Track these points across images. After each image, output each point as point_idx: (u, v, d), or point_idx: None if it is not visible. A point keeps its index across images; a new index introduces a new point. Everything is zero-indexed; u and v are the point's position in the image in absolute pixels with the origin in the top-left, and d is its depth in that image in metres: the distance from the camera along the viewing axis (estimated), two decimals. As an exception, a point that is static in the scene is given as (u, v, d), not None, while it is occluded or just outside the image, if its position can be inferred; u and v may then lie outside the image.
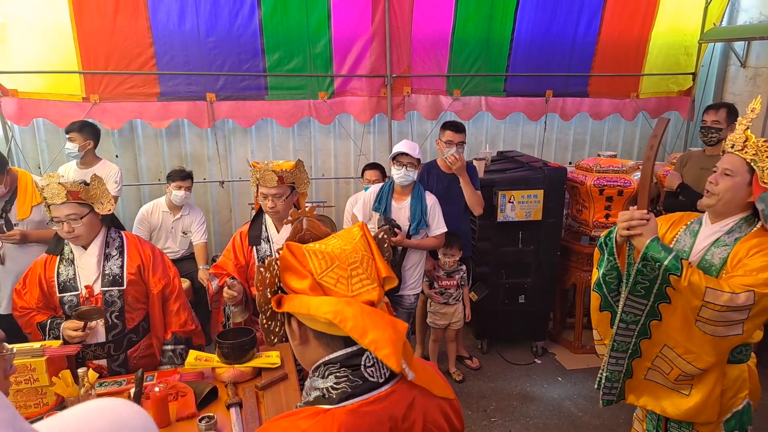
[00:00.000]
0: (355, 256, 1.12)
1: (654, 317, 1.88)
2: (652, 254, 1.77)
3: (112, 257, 2.28)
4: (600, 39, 4.76)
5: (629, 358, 1.98)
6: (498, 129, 5.02)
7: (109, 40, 3.90)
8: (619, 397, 2.05)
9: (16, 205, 2.95)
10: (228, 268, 2.57)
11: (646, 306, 1.88)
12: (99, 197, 2.23)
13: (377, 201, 3.31)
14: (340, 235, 1.19)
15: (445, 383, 1.16)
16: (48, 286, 2.24)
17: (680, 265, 1.75)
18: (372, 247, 1.18)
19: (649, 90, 5.10)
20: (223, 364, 2.16)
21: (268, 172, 2.47)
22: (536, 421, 3.31)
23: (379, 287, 1.12)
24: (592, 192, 3.75)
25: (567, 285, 4.11)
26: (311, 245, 1.15)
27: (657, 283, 1.81)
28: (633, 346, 1.96)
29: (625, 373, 2.01)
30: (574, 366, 3.92)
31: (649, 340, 1.92)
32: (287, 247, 1.12)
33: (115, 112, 4.07)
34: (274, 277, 1.12)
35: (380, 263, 1.16)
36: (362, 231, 1.19)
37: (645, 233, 1.80)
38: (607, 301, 2.02)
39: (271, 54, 4.25)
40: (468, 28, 4.45)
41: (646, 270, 1.81)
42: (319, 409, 1.02)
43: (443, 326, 3.67)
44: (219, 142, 4.44)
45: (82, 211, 2.17)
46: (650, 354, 1.94)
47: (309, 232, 1.18)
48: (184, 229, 3.93)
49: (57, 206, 2.13)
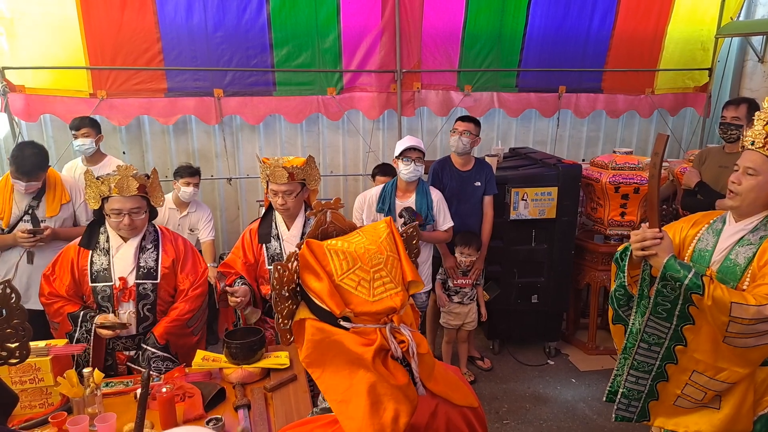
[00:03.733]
0: (379, 257, 1.05)
1: (679, 342, 1.81)
2: (671, 274, 1.70)
3: (147, 250, 2.29)
4: (615, 33, 4.66)
5: (653, 380, 1.91)
6: (510, 125, 4.93)
7: (117, 36, 3.86)
8: (640, 417, 1.98)
9: (44, 202, 2.95)
10: (237, 266, 2.52)
11: (669, 329, 1.81)
12: (156, 191, 2.28)
13: (380, 202, 3.26)
14: (365, 231, 1.12)
15: (468, 390, 1.10)
16: (80, 274, 2.23)
17: (701, 283, 1.68)
18: (399, 246, 1.10)
19: (665, 86, 4.99)
20: (231, 364, 2.10)
21: (278, 169, 2.41)
22: (550, 424, 3.24)
23: (403, 291, 1.05)
24: (607, 189, 3.66)
25: (581, 285, 4.03)
26: (333, 243, 1.08)
27: (679, 304, 1.75)
28: (657, 369, 1.89)
29: (648, 394, 1.94)
30: (588, 367, 3.84)
31: (676, 365, 1.85)
32: (307, 244, 1.05)
33: (122, 108, 4.04)
34: (292, 275, 1.05)
35: (406, 265, 1.09)
36: (389, 228, 1.12)
37: (660, 252, 1.73)
38: (618, 315, 1.99)
39: (280, 49, 4.19)
40: (479, 22, 4.37)
41: (666, 290, 1.75)
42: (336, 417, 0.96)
43: (456, 327, 3.60)
44: (227, 139, 4.39)
45: (144, 204, 2.22)
46: (679, 381, 1.86)
47: (333, 225, 1.11)
48: (191, 227, 3.88)
49: (123, 199, 2.14)
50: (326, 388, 0.95)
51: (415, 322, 1.12)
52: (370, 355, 0.92)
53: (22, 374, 1.81)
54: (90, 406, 1.78)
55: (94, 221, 2.32)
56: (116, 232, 2.25)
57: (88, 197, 2.22)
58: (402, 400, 0.92)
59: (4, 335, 0.99)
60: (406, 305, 1.06)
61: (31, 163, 2.87)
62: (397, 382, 0.93)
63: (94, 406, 1.79)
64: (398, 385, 0.93)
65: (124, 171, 2.17)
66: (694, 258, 1.95)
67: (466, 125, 3.43)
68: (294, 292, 1.08)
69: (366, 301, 0.99)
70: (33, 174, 2.88)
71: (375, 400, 0.90)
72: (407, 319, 1.08)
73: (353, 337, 0.98)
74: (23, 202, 2.98)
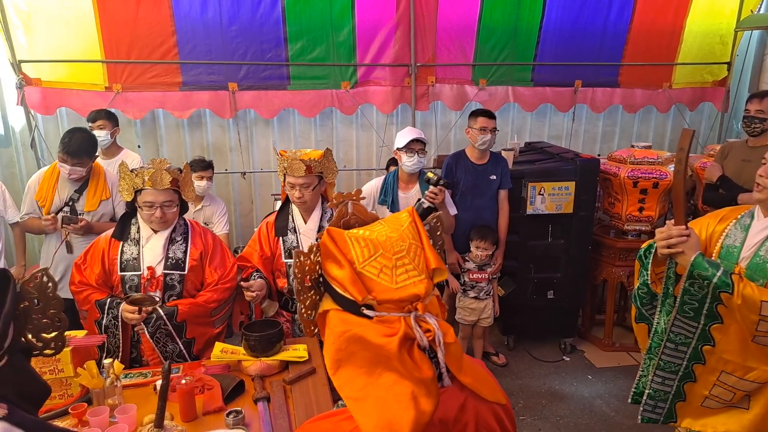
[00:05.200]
0: (401, 245, 1.03)
1: (707, 342, 1.77)
2: (699, 272, 1.66)
3: (176, 242, 2.31)
4: (632, 27, 4.59)
5: (680, 381, 1.87)
6: (524, 120, 4.89)
7: (132, 29, 3.86)
8: (667, 418, 1.95)
9: (85, 196, 2.99)
10: (253, 259, 2.51)
11: (696, 329, 1.77)
12: (188, 185, 2.30)
13: (383, 194, 3.24)
14: (387, 220, 1.10)
15: (496, 386, 1.08)
16: (110, 263, 2.26)
17: (731, 281, 1.63)
18: (422, 235, 1.08)
19: (683, 80, 4.92)
20: (249, 357, 2.10)
21: (295, 161, 2.40)
22: (567, 420, 3.21)
23: (427, 279, 1.02)
24: (625, 184, 3.61)
25: (597, 280, 3.99)
26: (354, 231, 1.06)
27: (707, 303, 1.70)
28: (684, 369, 1.84)
29: (675, 395, 1.90)
30: (605, 364, 3.80)
31: (704, 366, 1.81)
32: (328, 232, 1.03)
33: (138, 101, 4.04)
34: (314, 264, 1.04)
35: (430, 253, 1.07)
36: (411, 217, 1.10)
37: (687, 250, 1.68)
38: (642, 314, 1.95)
39: (294, 43, 4.17)
40: (495, 15, 4.32)
41: (694, 289, 1.70)
42: (364, 410, 0.94)
43: (472, 322, 3.57)
44: (241, 133, 4.39)
45: (176, 198, 2.25)
46: (706, 382, 1.82)
47: (354, 217, 1.10)
48: (205, 220, 3.87)
49: (156, 192, 2.16)
50: (341, 384, 0.93)
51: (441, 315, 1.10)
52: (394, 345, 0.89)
53: (42, 365, 1.81)
54: (110, 398, 1.78)
55: (126, 213, 2.34)
56: (147, 224, 2.27)
57: (121, 189, 2.24)
58: (424, 395, 0.89)
59: (40, 325, 0.98)
60: (430, 294, 1.04)
61: (78, 145, 2.92)
62: (421, 375, 0.90)
63: (114, 397, 1.79)
64: (422, 379, 0.90)
65: (158, 164, 2.19)
66: (722, 255, 1.90)
67: (494, 122, 3.41)
68: (317, 283, 1.06)
69: (389, 288, 0.97)
70: (78, 156, 2.90)
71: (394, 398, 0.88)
72: (433, 310, 1.05)
73: (376, 327, 0.95)
74: (65, 193, 3.03)
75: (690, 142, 1.79)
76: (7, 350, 0.91)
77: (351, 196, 1.17)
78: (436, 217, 1.20)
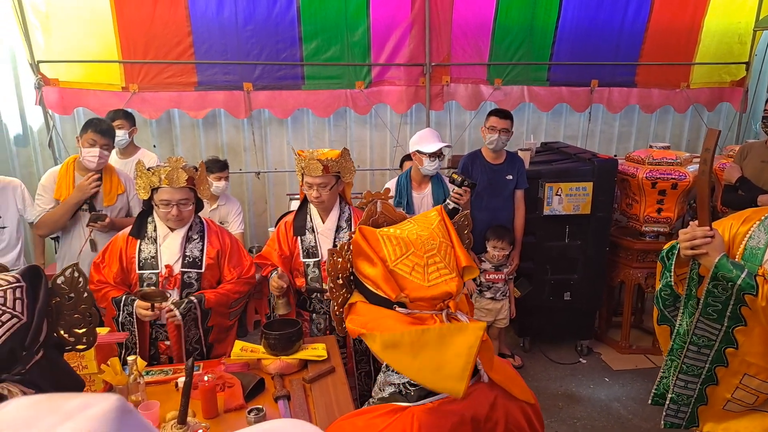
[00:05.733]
0: (432, 243, 1.03)
1: (730, 344, 1.74)
2: (723, 273, 1.63)
3: (193, 240, 2.33)
4: (649, 26, 4.56)
5: (702, 384, 1.84)
6: (540, 120, 4.86)
7: (149, 30, 3.88)
8: (690, 423, 1.92)
9: (101, 193, 3.03)
10: (272, 258, 2.51)
11: (719, 331, 1.74)
12: (203, 183, 2.33)
13: (397, 195, 3.24)
14: (417, 219, 1.10)
15: (525, 385, 1.07)
16: (128, 262, 2.29)
17: (755, 283, 1.61)
18: (451, 233, 1.08)
19: (701, 80, 4.87)
20: (269, 355, 2.10)
21: (313, 161, 2.39)
22: (584, 423, 3.18)
23: (458, 277, 1.02)
24: (643, 185, 3.57)
25: (615, 282, 3.95)
26: (386, 230, 1.06)
27: (730, 305, 1.67)
28: (707, 372, 1.82)
29: (697, 398, 1.87)
30: (622, 366, 3.76)
31: (726, 368, 1.78)
32: (360, 230, 1.04)
33: (154, 101, 4.06)
34: (346, 262, 1.04)
35: (460, 251, 1.07)
36: (440, 216, 1.10)
37: (711, 252, 1.66)
38: (664, 316, 1.92)
39: (309, 43, 4.18)
40: (511, 14, 4.30)
41: (717, 291, 1.68)
42: (396, 406, 0.94)
43: (488, 323, 3.55)
44: (255, 133, 4.40)
45: (191, 196, 2.26)
46: (729, 385, 1.79)
47: (383, 216, 1.09)
48: (220, 219, 3.89)
49: (173, 190, 2.18)
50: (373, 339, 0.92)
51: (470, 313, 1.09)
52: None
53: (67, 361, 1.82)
54: (133, 394, 1.78)
55: (143, 211, 2.36)
56: (164, 222, 2.29)
57: (138, 187, 2.26)
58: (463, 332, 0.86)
59: (72, 321, 0.98)
60: (461, 292, 1.04)
61: (108, 125, 3.01)
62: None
63: (137, 393, 1.79)
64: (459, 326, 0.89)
65: (175, 163, 2.21)
66: (745, 256, 1.87)
67: (505, 123, 3.38)
68: (348, 281, 1.06)
69: (421, 286, 0.97)
70: (109, 134, 2.96)
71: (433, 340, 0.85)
72: (463, 308, 1.05)
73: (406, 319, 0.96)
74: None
75: (716, 142, 1.76)
76: (42, 344, 0.91)
77: (380, 195, 1.17)
78: (464, 215, 1.20)
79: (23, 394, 0.83)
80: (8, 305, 0.86)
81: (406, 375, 0.90)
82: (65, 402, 0.33)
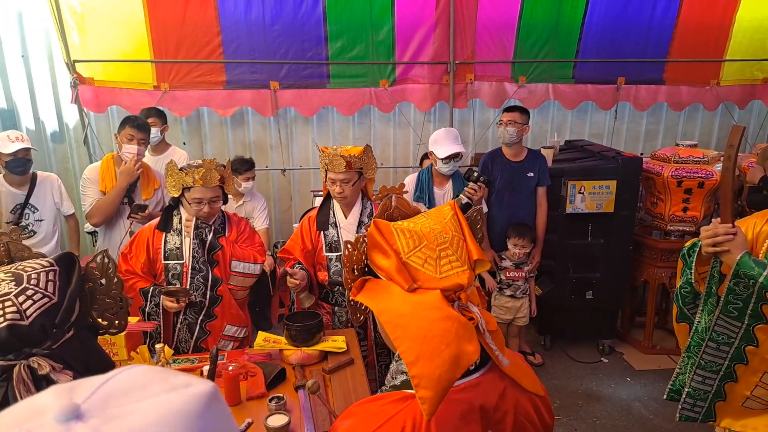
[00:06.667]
0: (444, 237, 1.06)
1: (750, 342, 1.73)
2: (745, 271, 1.63)
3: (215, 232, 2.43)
4: (679, 22, 4.47)
5: (720, 381, 1.84)
6: (565, 118, 4.83)
7: (180, 30, 3.99)
8: (706, 417, 1.92)
9: (140, 187, 3.21)
10: (295, 252, 2.58)
11: (740, 328, 1.74)
12: (230, 180, 2.45)
13: (418, 190, 3.27)
14: (430, 213, 1.14)
15: (535, 378, 1.10)
16: (154, 252, 2.40)
17: None
18: (463, 227, 1.12)
19: (732, 77, 4.76)
20: (290, 346, 2.16)
21: (336, 158, 2.45)
22: (604, 422, 3.17)
23: (470, 270, 1.06)
24: (669, 183, 3.53)
25: (638, 281, 3.91)
26: (399, 223, 1.10)
27: (751, 303, 1.67)
28: (726, 369, 1.81)
29: (715, 394, 1.87)
30: (644, 367, 3.72)
31: (746, 366, 1.77)
32: (375, 224, 1.08)
33: (183, 100, 4.18)
34: (361, 255, 1.08)
35: (471, 245, 1.10)
36: (453, 210, 1.13)
37: (733, 249, 1.66)
38: (683, 313, 1.92)
39: (334, 42, 4.24)
40: (536, 11, 4.28)
41: (739, 288, 1.67)
42: (407, 393, 0.98)
43: (507, 321, 3.56)
44: (281, 131, 4.49)
45: (220, 193, 2.38)
46: (748, 383, 1.79)
47: (398, 210, 1.14)
48: (246, 215, 3.97)
49: (205, 189, 2.29)
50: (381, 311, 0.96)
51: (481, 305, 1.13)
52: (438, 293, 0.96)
53: (98, 348, 1.91)
54: (161, 380, 1.87)
55: (169, 206, 2.47)
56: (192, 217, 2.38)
57: (168, 185, 2.36)
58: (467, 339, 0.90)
59: (105, 305, 1.05)
60: (472, 284, 1.07)
61: (144, 122, 3.22)
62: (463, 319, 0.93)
63: (164, 380, 1.87)
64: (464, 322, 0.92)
65: (209, 164, 2.31)
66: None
67: (511, 115, 3.41)
68: (363, 272, 1.10)
69: (433, 278, 1.01)
70: (146, 129, 3.16)
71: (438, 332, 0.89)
72: (474, 300, 1.09)
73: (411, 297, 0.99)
74: None
75: (740, 138, 1.75)
76: (73, 324, 0.98)
77: (395, 189, 1.21)
78: (477, 210, 1.23)
79: (51, 368, 0.90)
80: (41, 286, 0.93)
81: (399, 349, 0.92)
82: (173, 377, 0.40)
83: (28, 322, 0.90)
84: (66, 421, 0.33)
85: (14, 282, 0.94)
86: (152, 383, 0.38)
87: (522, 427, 1.01)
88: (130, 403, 0.35)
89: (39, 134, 4.16)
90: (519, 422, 1.02)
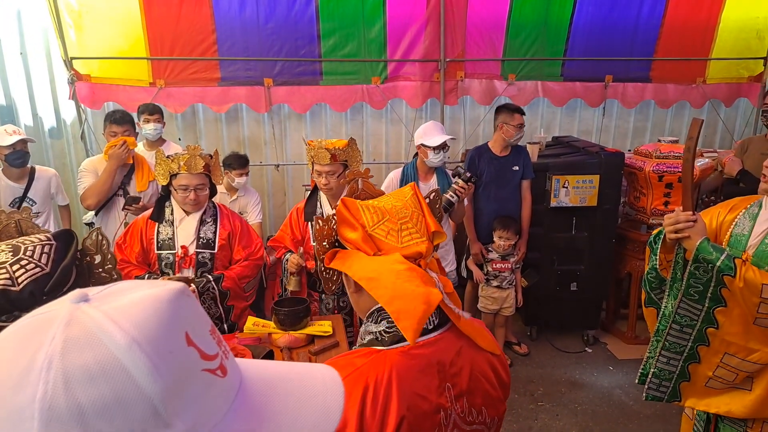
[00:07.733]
0: (405, 212, 1.17)
1: (711, 324, 1.83)
2: (704, 256, 1.73)
3: (207, 223, 2.52)
4: (665, 22, 4.57)
5: (684, 361, 1.93)
6: (554, 115, 4.92)
7: (175, 28, 4.07)
8: (671, 397, 2.01)
9: (134, 180, 3.30)
10: (285, 242, 2.68)
11: (701, 311, 1.83)
12: (217, 169, 2.52)
13: (403, 183, 3.36)
14: (393, 194, 1.25)
15: (492, 339, 1.19)
16: (147, 243, 2.49)
17: (733, 265, 1.70)
18: (422, 205, 1.22)
19: (718, 75, 4.86)
20: (279, 330, 2.26)
21: (321, 150, 2.55)
22: (585, 408, 3.26)
23: (428, 241, 1.16)
24: (650, 178, 3.63)
25: (622, 274, 4.01)
26: (365, 201, 1.20)
27: (711, 286, 1.77)
28: (689, 350, 1.90)
29: (679, 375, 1.96)
30: (627, 356, 3.83)
31: (708, 347, 1.87)
32: (343, 201, 1.19)
33: (179, 96, 4.26)
34: (331, 230, 1.18)
35: (429, 219, 1.21)
36: (413, 191, 1.24)
37: (693, 235, 1.75)
38: (651, 298, 2.01)
39: (327, 39, 4.32)
40: (525, 11, 4.37)
41: (699, 273, 1.77)
42: (373, 350, 1.08)
43: (494, 311, 3.66)
44: (275, 127, 4.57)
45: (207, 181, 2.46)
46: (711, 363, 1.88)
47: (364, 192, 1.24)
48: (240, 210, 4.05)
49: (190, 175, 2.37)
50: (355, 271, 1.07)
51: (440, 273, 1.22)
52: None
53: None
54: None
55: (161, 197, 2.56)
56: (181, 206, 2.48)
57: (157, 174, 2.46)
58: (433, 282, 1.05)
59: (100, 278, 1.14)
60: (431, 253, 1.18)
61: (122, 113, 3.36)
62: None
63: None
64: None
65: (192, 151, 2.40)
66: (731, 243, 1.95)
67: (521, 118, 3.53)
68: (332, 245, 1.21)
69: (395, 247, 1.12)
70: (124, 120, 3.27)
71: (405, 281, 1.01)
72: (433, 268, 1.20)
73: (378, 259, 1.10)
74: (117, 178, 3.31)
75: (698, 131, 1.85)
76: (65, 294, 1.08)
77: (361, 174, 1.32)
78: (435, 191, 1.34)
79: None
80: (35, 257, 1.04)
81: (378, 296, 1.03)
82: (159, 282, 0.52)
83: (18, 288, 1.00)
84: (77, 303, 0.47)
85: (11, 253, 1.04)
86: (142, 285, 0.51)
87: (477, 381, 1.10)
88: (123, 293, 0.49)
89: (37, 130, 4.24)
90: (474, 377, 1.11)
